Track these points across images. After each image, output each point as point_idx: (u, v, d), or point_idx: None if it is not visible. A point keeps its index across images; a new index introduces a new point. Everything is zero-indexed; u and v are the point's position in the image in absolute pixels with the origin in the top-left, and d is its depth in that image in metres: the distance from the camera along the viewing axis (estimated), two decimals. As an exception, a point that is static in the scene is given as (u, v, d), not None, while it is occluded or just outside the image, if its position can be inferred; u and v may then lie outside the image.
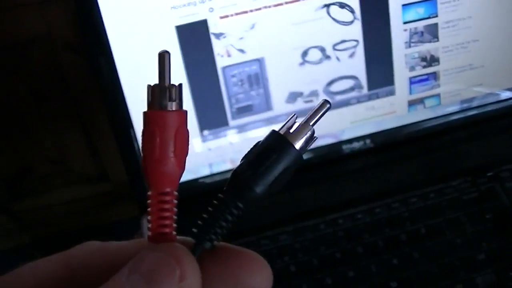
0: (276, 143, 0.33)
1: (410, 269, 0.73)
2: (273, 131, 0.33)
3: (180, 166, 0.32)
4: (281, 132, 0.33)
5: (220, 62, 0.75)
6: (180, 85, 0.32)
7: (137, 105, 0.75)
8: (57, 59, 0.92)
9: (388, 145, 0.84)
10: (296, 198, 0.80)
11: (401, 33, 0.78)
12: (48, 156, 1.02)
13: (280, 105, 0.79)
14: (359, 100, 0.81)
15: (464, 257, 0.73)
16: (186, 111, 0.31)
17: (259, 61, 0.76)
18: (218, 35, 0.74)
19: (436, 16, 0.78)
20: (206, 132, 0.78)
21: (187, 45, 0.74)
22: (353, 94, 0.80)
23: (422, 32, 0.79)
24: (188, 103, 0.76)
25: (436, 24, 0.79)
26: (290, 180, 0.38)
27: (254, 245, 0.76)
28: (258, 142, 0.33)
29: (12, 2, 0.86)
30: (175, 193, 0.31)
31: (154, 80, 0.74)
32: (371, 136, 0.83)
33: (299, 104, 0.79)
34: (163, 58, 0.32)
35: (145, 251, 0.29)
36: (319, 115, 0.33)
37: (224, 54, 0.75)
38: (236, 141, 0.79)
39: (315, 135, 0.34)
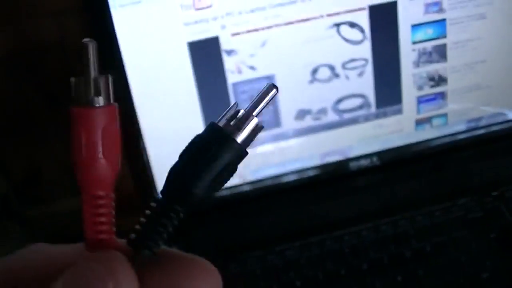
0: (214, 137, 0.30)
1: (415, 286, 0.73)
2: (212, 123, 0.30)
3: (113, 167, 0.29)
4: (220, 124, 0.30)
5: (231, 78, 0.76)
6: (108, 76, 0.29)
7: (147, 118, 0.76)
8: (69, 67, 0.93)
9: (395, 163, 0.84)
10: (303, 214, 0.81)
11: (410, 53, 0.79)
12: (58, 161, 1.02)
13: (288, 122, 0.79)
14: (367, 118, 0.81)
15: (469, 275, 0.73)
16: (115, 105, 0.29)
17: (269, 78, 0.77)
18: (229, 52, 0.75)
19: (445, 36, 0.79)
20: (216, 147, 0.78)
21: (199, 61, 0.75)
22: (361, 112, 0.81)
23: (430, 52, 0.80)
24: (198, 118, 0.77)
25: (444, 45, 0.80)
26: (298, 197, 0.36)
27: (261, 260, 0.76)
28: (196, 136, 0.30)
29: (28, 11, 0.87)
30: (111, 195, 0.29)
31: (165, 95, 0.75)
32: (378, 153, 0.84)
33: (308, 121, 0.80)
34: (87, 47, 0.29)
35: (79, 261, 0.27)
36: (263, 102, 0.29)
37: (235, 70, 0.76)
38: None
39: (259, 124, 0.30)
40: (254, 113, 0.30)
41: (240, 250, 0.78)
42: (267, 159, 0.81)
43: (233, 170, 0.30)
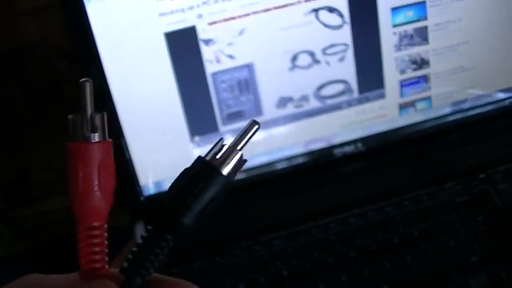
0: (202, 171, 0.32)
1: (403, 273, 0.73)
2: (199, 157, 0.33)
3: (107, 200, 0.31)
4: (207, 158, 0.33)
5: (210, 68, 0.75)
6: (103, 114, 0.30)
7: (126, 112, 0.75)
8: (52, 66, 0.92)
9: (380, 148, 0.84)
10: (288, 203, 0.80)
11: (390, 36, 0.78)
12: (45, 163, 1.02)
13: (270, 110, 0.79)
14: (349, 104, 0.81)
15: (457, 259, 0.73)
16: (110, 141, 0.31)
17: (249, 67, 0.76)
18: (207, 41, 0.74)
19: (426, 19, 0.78)
20: (197, 138, 0.78)
21: (176, 52, 0.74)
22: (344, 98, 0.80)
23: (411, 35, 0.79)
24: (178, 110, 0.76)
25: (425, 27, 0.79)
26: (283, 186, 0.37)
27: (247, 251, 0.76)
28: (185, 169, 0.32)
29: (6, 9, 0.86)
30: (105, 226, 0.31)
31: (144, 88, 0.74)
32: (362, 140, 0.83)
33: (290, 109, 0.79)
34: (84, 86, 0.30)
35: None
36: (247, 137, 0.32)
37: (213, 60, 0.75)
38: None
39: (244, 158, 0.33)
40: (238, 147, 0.33)
41: (225, 241, 0.77)
42: (249, 149, 0.80)
43: (220, 200, 0.33)
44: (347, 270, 0.73)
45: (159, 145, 0.77)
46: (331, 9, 0.75)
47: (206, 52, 0.75)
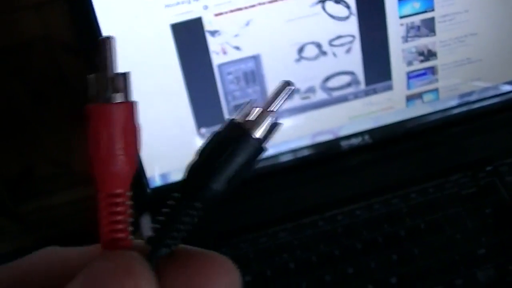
0: (232, 134, 0.30)
1: (410, 265, 0.73)
2: (230, 119, 0.30)
3: (131, 165, 0.29)
4: (238, 120, 0.30)
5: (216, 59, 0.75)
6: (126, 73, 0.29)
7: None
8: (56, 60, 0.92)
9: (386, 140, 0.83)
10: (295, 195, 0.80)
11: (397, 27, 0.78)
12: (50, 157, 1.02)
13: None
14: (356, 96, 0.80)
15: (464, 252, 0.73)
16: (134, 102, 0.29)
17: (255, 58, 0.76)
18: (213, 33, 0.74)
19: (433, 10, 0.78)
20: (203, 130, 0.78)
21: (183, 43, 0.74)
22: (351, 89, 0.80)
23: (418, 27, 0.78)
24: (185, 101, 0.76)
25: (432, 18, 0.78)
26: (289, 178, 0.36)
27: (253, 243, 0.76)
28: (214, 132, 0.30)
29: (9, 4, 0.86)
30: (128, 194, 0.29)
31: (150, 79, 0.74)
32: (369, 132, 0.83)
33: (296, 101, 0.79)
34: (105, 44, 0.28)
35: (96, 261, 0.27)
36: (280, 98, 0.30)
37: (219, 51, 0.75)
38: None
39: (278, 121, 0.30)
40: (271, 109, 0.30)
41: (231, 233, 0.77)
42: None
43: (252, 166, 0.30)
44: (353, 262, 0.73)
45: (165, 137, 0.77)
46: (337, 0, 0.75)
47: (213, 44, 0.74)
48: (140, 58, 0.73)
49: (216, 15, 0.73)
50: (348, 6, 0.75)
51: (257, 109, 0.30)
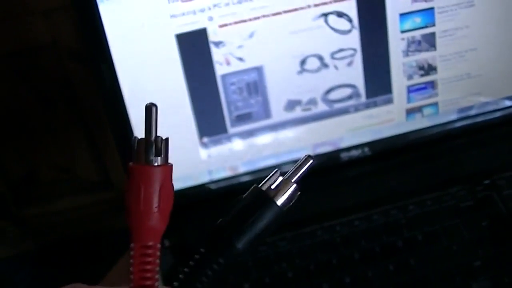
0: (258, 200, 0.33)
1: (407, 276, 0.73)
2: (255, 187, 0.33)
3: (164, 221, 0.32)
4: (263, 188, 0.33)
5: (220, 70, 0.76)
6: (167, 139, 0.31)
7: (137, 113, 0.76)
8: (63, 67, 0.93)
9: (386, 153, 0.84)
10: (294, 204, 0.81)
11: (398, 42, 0.79)
12: (54, 162, 1.03)
13: (278, 113, 0.79)
14: (357, 109, 0.81)
15: (461, 264, 0.73)
16: (171, 166, 0.31)
17: (258, 69, 0.77)
18: (217, 44, 0.75)
19: (434, 25, 0.79)
20: (205, 139, 0.79)
21: (187, 54, 0.75)
22: (351, 102, 0.81)
23: (419, 41, 0.80)
24: (187, 110, 0.77)
25: (433, 33, 0.79)
26: None
27: (252, 252, 0.76)
28: (240, 197, 0.33)
29: (17, 10, 0.87)
30: (158, 245, 0.32)
31: (155, 89, 0.75)
32: (369, 144, 0.84)
33: (298, 112, 0.80)
34: (150, 111, 0.31)
35: None
36: (302, 170, 0.33)
37: (223, 62, 0.76)
38: (235, 148, 0.80)
39: (298, 191, 0.33)
40: (292, 180, 0.34)
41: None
42: (258, 151, 0.81)
43: (273, 228, 0.34)
44: (351, 272, 0.74)
45: (171, 148, 0.77)
46: (340, 14, 0.76)
47: (216, 54, 0.75)
48: (144, 67, 0.75)
49: (221, 26, 0.74)
50: (350, 20, 0.77)
51: (281, 178, 0.34)
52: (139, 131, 0.75)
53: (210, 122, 0.78)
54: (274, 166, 0.80)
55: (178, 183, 0.80)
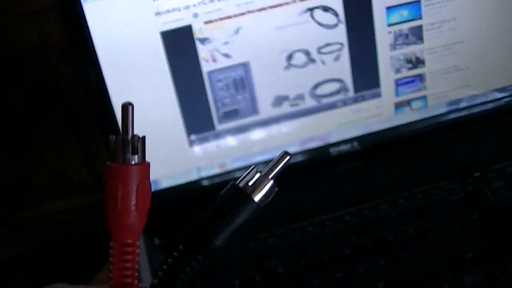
0: (235, 196, 0.33)
1: (398, 270, 0.73)
2: (232, 183, 0.33)
3: (142, 219, 0.32)
4: (240, 185, 0.33)
5: (206, 67, 0.76)
6: (143, 137, 0.31)
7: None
8: (52, 69, 0.93)
9: (375, 147, 0.84)
10: (284, 200, 0.80)
11: (385, 35, 0.79)
12: (45, 166, 1.02)
13: (266, 109, 0.79)
14: (345, 103, 0.81)
15: (452, 257, 0.73)
16: (148, 164, 0.31)
17: (244, 66, 0.77)
18: (203, 40, 0.75)
19: (421, 18, 0.79)
20: (193, 137, 0.78)
21: (173, 51, 0.75)
22: (339, 97, 0.81)
23: (406, 34, 0.79)
24: (175, 108, 0.77)
25: (420, 26, 0.79)
26: (279, 184, 0.38)
27: (242, 248, 0.76)
28: (218, 193, 0.33)
29: (6, 11, 0.87)
30: (137, 243, 0.32)
31: (140, 87, 0.75)
32: (358, 138, 0.84)
33: (285, 108, 0.79)
34: (127, 109, 0.31)
35: None
36: (279, 167, 0.33)
37: (209, 59, 0.76)
38: (223, 145, 0.80)
39: (275, 187, 0.33)
40: (269, 176, 0.35)
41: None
42: (246, 147, 0.81)
43: (250, 225, 0.35)
44: (342, 267, 0.74)
45: (156, 144, 0.77)
46: (326, 8, 0.76)
47: (202, 51, 0.75)
48: (130, 65, 0.74)
49: (206, 22, 0.74)
50: (336, 14, 0.76)
51: (258, 175, 0.34)
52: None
53: (197, 119, 0.78)
54: (263, 162, 0.80)
55: (167, 181, 0.80)
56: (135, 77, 0.75)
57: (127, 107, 0.31)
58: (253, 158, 0.81)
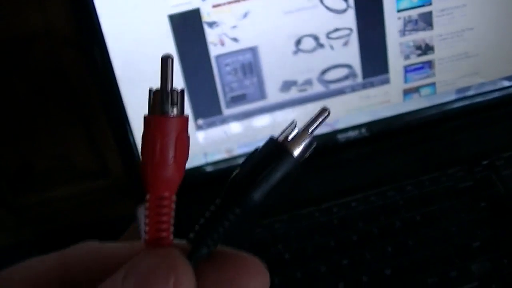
0: (274, 151, 0.33)
1: (405, 257, 0.73)
2: (271, 138, 0.33)
3: (180, 172, 0.31)
4: (279, 139, 0.33)
5: (214, 51, 0.75)
6: (183, 90, 0.31)
7: (131, 97, 0.75)
8: (57, 55, 0.92)
9: (383, 134, 0.84)
10: (291, 186, 0.80)
11: (395, 21, 0.78)
12: (49, 152, 1.02)
13: (274, 94, 0.79)
14: (353, 89, 0.81)
15: (459, 244, 0.73)
16: (187, 117, 0.31)
17: (253, 50, 0.76)
18: (211, 24, 0.74)
19: (430, 4, 0.78)
20: (200, 121, 0.78)
21: (181, 34, 0.74)
22: (348, 82, 0.80)
23: (416, 20, 0.79)
24: (182, 92, 0.76)
25: (430, 12, 0.79)
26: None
27: (249, 234, 0.76)
28: (257, 148, 0.33)
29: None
30: (173, 197, 0.31)
31: (147, 71, 0.74)
32: (366, 125, 0.83)
33: (293, 93, 0.79)
34: (166, 62, 0.31)
35: (141, 256, 0.29)
36: (318, 122, 0.33)
37: (217, 43, 0.75)
38: (231, 130, 0.80)
39: (314, 142, 0.33)
40: (309, 131, 0.34)
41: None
42: (253, 133, 0.80)
43: (289, 181, 0.33)
44: (349, 253, 0.73)
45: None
46: (335, -7, 0.75)
47: (210, 35, 0.75)
48: (138, 48, 0.74)
49: (214, 6, 0.74)
50: (345, -1, 0.76)
51: (297, 129, 0.33)
52: (132, 112, 0.74)
53: (204, 104, 0.78)
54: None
55: (173, 166, 0.80)
56: (142, 60, 0.74)
57: (167, 60, 0.31)
58: (260, 144, 0.81)
